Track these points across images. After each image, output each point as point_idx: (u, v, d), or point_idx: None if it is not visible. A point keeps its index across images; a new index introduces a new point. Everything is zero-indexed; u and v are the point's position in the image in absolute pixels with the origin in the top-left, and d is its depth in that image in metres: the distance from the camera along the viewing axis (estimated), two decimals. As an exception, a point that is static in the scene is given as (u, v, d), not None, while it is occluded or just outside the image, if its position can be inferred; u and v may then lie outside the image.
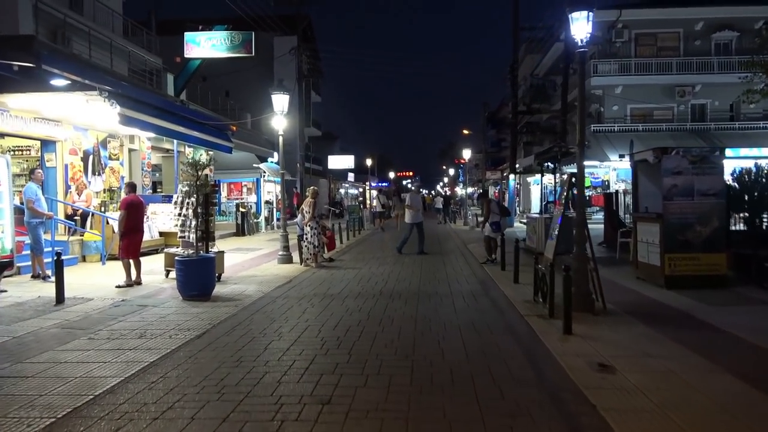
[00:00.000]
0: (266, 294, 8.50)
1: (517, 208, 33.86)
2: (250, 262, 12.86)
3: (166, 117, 13.06)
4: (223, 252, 10.27)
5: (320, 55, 56.34)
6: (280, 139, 12.96)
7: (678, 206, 8.43)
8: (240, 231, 21.25)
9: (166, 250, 10.85)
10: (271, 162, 25.19)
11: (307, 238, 11.87)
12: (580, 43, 7.09)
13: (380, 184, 68.45)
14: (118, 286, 9.11)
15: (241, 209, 21.51)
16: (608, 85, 28.56)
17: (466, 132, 43.03)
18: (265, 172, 24.33)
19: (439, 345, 5.50)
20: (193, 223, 9.67)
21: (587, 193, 26.45)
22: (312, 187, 12.40)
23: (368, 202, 46.58)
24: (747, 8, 28.37)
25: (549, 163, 14.55)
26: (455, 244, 17.47)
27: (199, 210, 9.76)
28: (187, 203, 10.15)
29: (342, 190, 47.02)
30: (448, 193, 62.91)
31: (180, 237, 10.50)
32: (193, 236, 9.82)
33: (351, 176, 50.77)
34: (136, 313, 7.20)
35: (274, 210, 25.63)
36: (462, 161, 75.59)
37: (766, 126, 28.12)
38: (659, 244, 8.59)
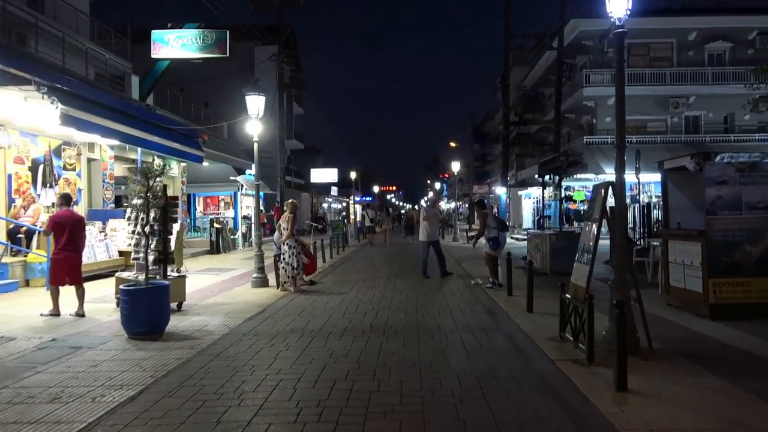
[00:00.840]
0: (232, 330, 6.98)
1: (508, 224, 32.69)
2: (220, 286, 11.31)
3: (124, 120, 11.56)
4: (184, 276, 8.73)
5: (303, 67, 55.33)
6: (255, 146, 11.51)
7: (724, 222, 7.13)
8: (215, 249, 19.63)
9: (118, 273, 9.26)
10: (249, 174, 23.62)
11: (284, 259, 10.38)
12: (617, 23, 5.76)
13: (364, 198, 67.10)
14: (42, 315, 7.63)
15: (215, 225, 19.90)
16: (601, 96, 27.62)
17: (453, 144, 41.99)
18: (242, 185, 22.77)
19: (458, 414, 4.04)
20: (147, 241, 8.17)
21: (580, 207, 25.35)
22: (291, 201, 10.94)
23: (352, 216, 45.16)
24: (741, 18, 27.76)
25: (550, 175, 13.27)
26: (447, 262, 16.05)
27: (155, 227, 8.26)
28: (142, 219, 8.62)
29: (325, 205, 45.50)
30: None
31: (134, 259, 8.94)
32: (149, 257, 8.31)
33: (334, 190, 49.32)
34: (64, 359, 5.65)
35: (253, 225, 24.02)
36: (447, 175, 74.71)
37: (761, 138, 27.35)
38: (701, 267, 7.26)
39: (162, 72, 14.78)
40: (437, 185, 61.67)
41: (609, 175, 25.47)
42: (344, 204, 54.86)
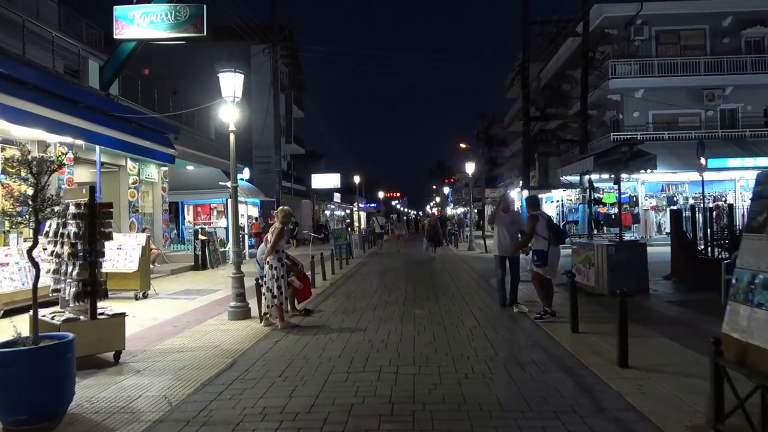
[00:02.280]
0: (173, 409, 4.47)
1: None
2: (190, 317, 8.82)
3: (76, 112, 9.13)
4: (122, 315, 6.21)
5: (303, 69, 53.07)
6: (231, 138, 9.04)
7: None
8: (200, 264, 17.15)
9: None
10: (242, 179, 21.19)
11: (265, 282, 7.88)
12: None
13: (368, 205, 64.63)
14: None
15: (200, 236, 17.42)
16: (628, 89, 25.12)
17: (463, 146, 39.48)
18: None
19: None
20: (69, 269, 5.73)
21: (610, 211, 22.80)
22: (282, 208, 8.41)
23: (356, 224, 42.65)
24: (781, 0, 25.26)
25: (608, 172, 10.72)
26: (471, 278, 13.52)
27: (78, 247, 5.82)
28: (61, 234, 6.16)
29: (327, 212, 43.03)
30: (436, 213, 59.17)
31: (53, 291, 6.48)
32: (69, 290, 5.88)
33: (337, 197, 46.86)
34: None
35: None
36: (453, 180, 72.09)
37: (807, 132, 24.81)
38: None
39: (127, 56, 12.39)
40: (446, 190, 59.05)
41: (642, 174, 22.94)
42: (347, 211, 52.40)
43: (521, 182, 27.21)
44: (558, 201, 23.48)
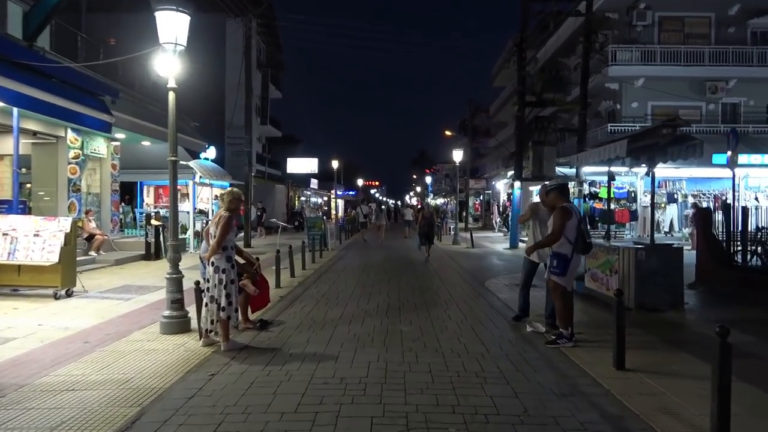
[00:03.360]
0: None
1: (510, 223, 28.49)
2: (112, 326, 6.84)
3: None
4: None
5: (282, 49, 50.60)
6: (171, 97, 7.00)
7: None
8: (153, 253, 15.05)
9: None
10: (206, 159, 19.05)
11: (209, 290, 5.92)
12: None
13: (347, 192, 62.57)
14: None
15: (153, 222, 15.29)
16: (628, 77, 23.55)
17: (448, 133, 37.69)
18: (196, 172, 18.17)
19: None
20: None
21: (607, 206, 21.22)
22: (231, 190, 6.39)
23: (333, 212, 40.65)
24: (792, -11, 23.87)
25: (645, 160, 8.91)
26: (462, 279, 11.73)
27: None
28: None
29: (303, 199, 40.91)
30: (417, 204, 57.34)
31: None
32: None
33: (314, 183, 44.74)
34: None
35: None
36: (434, 169, 70.31)
37: (811, 130, 23.57)
38: None
39: (58, 1, 10.16)
40: (428, 180, 57.21)
41: (643, 168, 21.41)
42: (325, 198, 50.36)
43: (512, 173, 25.55)
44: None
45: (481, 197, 40.50)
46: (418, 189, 76.24)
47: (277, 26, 44.76)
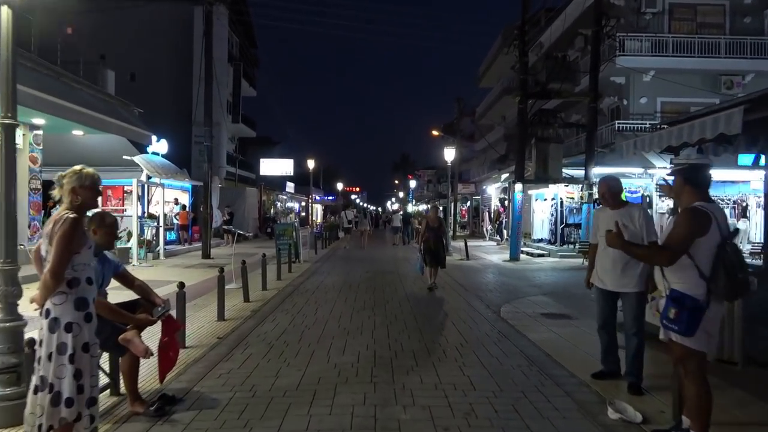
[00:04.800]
0: None
1: (505, 231, 25.98)
2: None
3: None
4: None
5: (257, 44, 47.76)
6: (3, 13, 4.13)
7: None
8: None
9: None
10: (155, 154, 16.10)
11: (39, 365, 3.09)
12: None
13: (326, 197, 59.72)
14: None
15: (79, 229, 12.35)
16: (637, 69, 21.21)
17: (436, 133, 35.15)
18: (143, 169, 15.23)
19: None
20: None
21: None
22: (76, 169, 3.37)
23: (311, 218, 37.77)
24: (812, -24, 21.85)
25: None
26: (470, 306, 9.03)
27: None
28: None
29: (278, 203, 37.96)
30: (398, 209, 54.67)
31: None
32: None
33: (291, 187, 41.79)
34: None
35: (161, 229, 16.54)
36: (418, 174, 67.82)
37: (834, 130, 21.44)
38: None
39: None
40: (412, 184, 54.56)
41: (660, 169, 19.07)
42: (302, 203, 47.40)
43: (506, 176, 23.00)
44: (553, 200, 19.31)
45: (469, 203, 38.00)
46: (401, 194, 73.67)
47: (251, 22, 42.06)
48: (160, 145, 16.12)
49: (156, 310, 3.95)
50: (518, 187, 17.49)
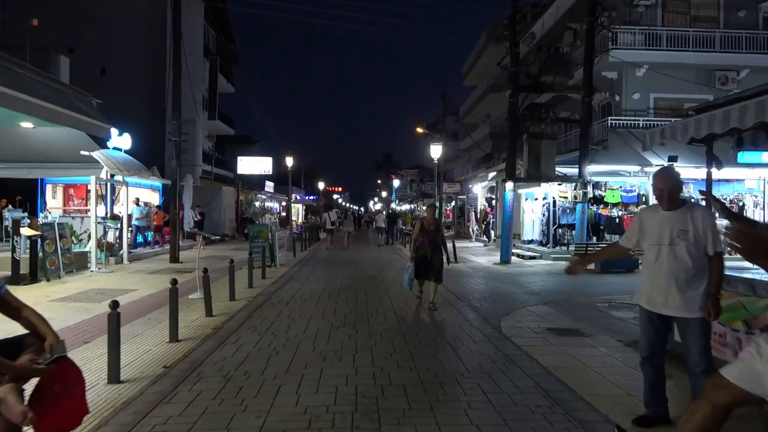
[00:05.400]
0: None
1: (492, 232, 25.03)
2: None
3: None
4: None
5: (236, 40, 46.38)
6: None
7: None
8: (29, 274, 10.85)
9: None
10: (116, 149, 14.75)
11: None
12: None
13: (307, 197, 58.39)
14: None
15: (24, 232, 11.03)
16: (630, 63, 20.39)
17: (420, 131, 34.08)
18: (104, 166, 13.88)
19: None
20: None
21: (614, 213, 17.89)
22: None
23: (292, 219, 36.48)
24: (809, -32, 21.24)
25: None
26: (466, 321, 7.95)
27: None
28: None
29: (257, 203, 36.59)
30: (381, 209, 53.56)
31: None
32: None
33: (270, 186, 40.43)
34: None
35: (125, 231, 15.20)
36: (401, 173, 66.71)
37: (830, 128, 20.84)
38: None
39: None
40: (396, 183, 53.40)
41: (658, 167, 18.23)
42: (283, 203, 46.04)
43: (493, 174, 21.95)
44: (544, 199, 18.35)
45: (453, 203, 37.01)
46: (384, 194, 72.56)
47: (229, 18, 40.62)
48: (122, 140, 14.78)
49: (44, 356, 2.76)
50: (509, 185, 16.48)
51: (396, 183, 53.55)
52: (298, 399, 4.31)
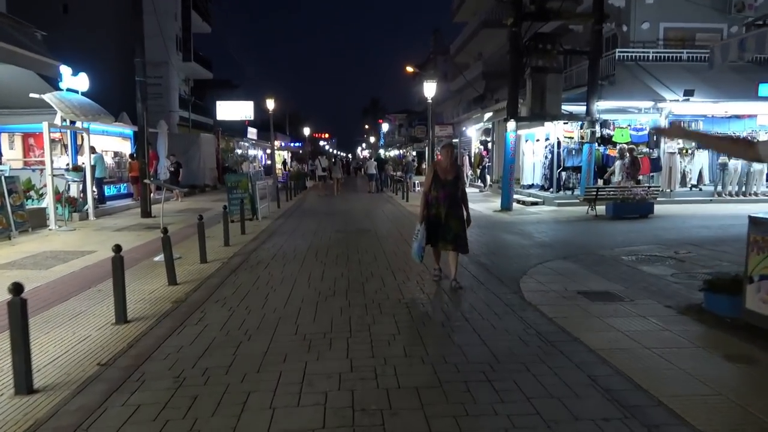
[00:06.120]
0: None
1: (488, 177, 23.78)
2: None
3: None
4: None
5: (210, -26, 43.17)
6: None
7: None
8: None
9: None
10: (69, 90, 13.04)
11: None
12: None
13: (291, 143, 56.47)
14: None
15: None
16: (640, -13, 18.65)
17: (411, 70, 32.17)
18: (57, 110, 12.25)
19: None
20: None
21: (626, 156, 16.60)
22: None
23: (279, 166, 34.89)
24: None
25: None
26: (477, 281, 6.75)
27: None
28: None
29: (239, 151, 34.84)
30: (369, 155, 51.81)
31: None
32: None
33: (253, 133, 38.56)
34: None
35: (88, 184, 13.70)
36: (389, 117, 64.47)
37: None
38: None
39: None
40: (385, 127, 51.42)
41: (671, 103, 16.84)
42: (267, 150, 44.25)
43: (489, 114, 20.49)
44: (547, 140, 16.98)
45: (439, 146, 35.44)
46: (372, 140, 70.57)
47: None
48: (77, 80, 13.05)
49: None
50: (511, 125, 15.05)
51: (385, 127, 51.53)
52: (272, 418, 3.09)
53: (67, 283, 6.64)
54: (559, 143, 16.29)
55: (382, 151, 56.61)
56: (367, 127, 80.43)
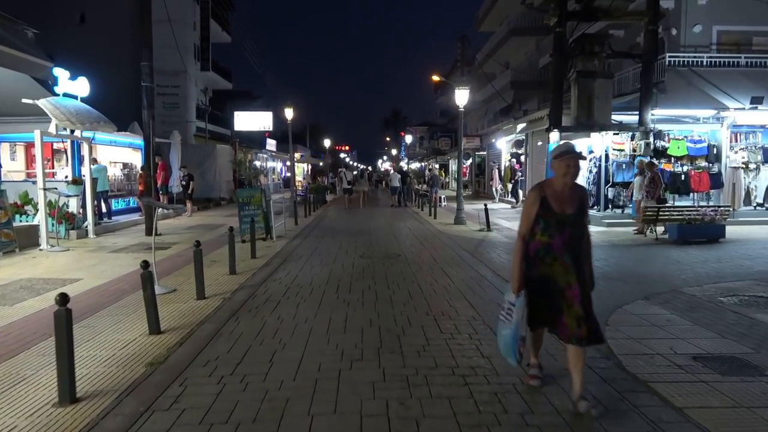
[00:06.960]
0: None
1: (520, 192, 22.16)
2: None
3: None
4: None
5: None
6: None
7: None
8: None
9: None
10: (67, 96, 11.79)
11: None
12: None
13: (312, 156, 55.39)
14: None
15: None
16: (692, -12, 17.04)
17: (436, 79, 30.78)
18: (51, 117, 11.03)
19: None
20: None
21: (678, 168, 14.91)
22: None
23: (299, 179, 33.67)
24: None
25: None
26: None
27: None
28: None
29: (257, 163, 33.68)
30: (391, 168, 50.36)
31: None
32: None
33: (272, 144, 37.44)
34: None
35: (88, 198, 12.44)
36: (411, 129, 63.12)
37: None
38: None
39: None
40: (408, 138, 49.94)
41: (734, 111, 15.13)
42: (287, 163, 43.14)
43: (522, 125, 18.94)
44: (591, 153, 15.30)
45: (471, 159, 33.91)
46: (393, 152, 69.20)
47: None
48: (76, 85, 11.83)
49: None
50: (554, 136, 13.54)
51: (408, 139, 50.03)
52: None
53: (18, 330, 5.23)
54: (607, 156, 14.64)
55: (403, 164, 55.23)
56: (388, 139, 79.21)
